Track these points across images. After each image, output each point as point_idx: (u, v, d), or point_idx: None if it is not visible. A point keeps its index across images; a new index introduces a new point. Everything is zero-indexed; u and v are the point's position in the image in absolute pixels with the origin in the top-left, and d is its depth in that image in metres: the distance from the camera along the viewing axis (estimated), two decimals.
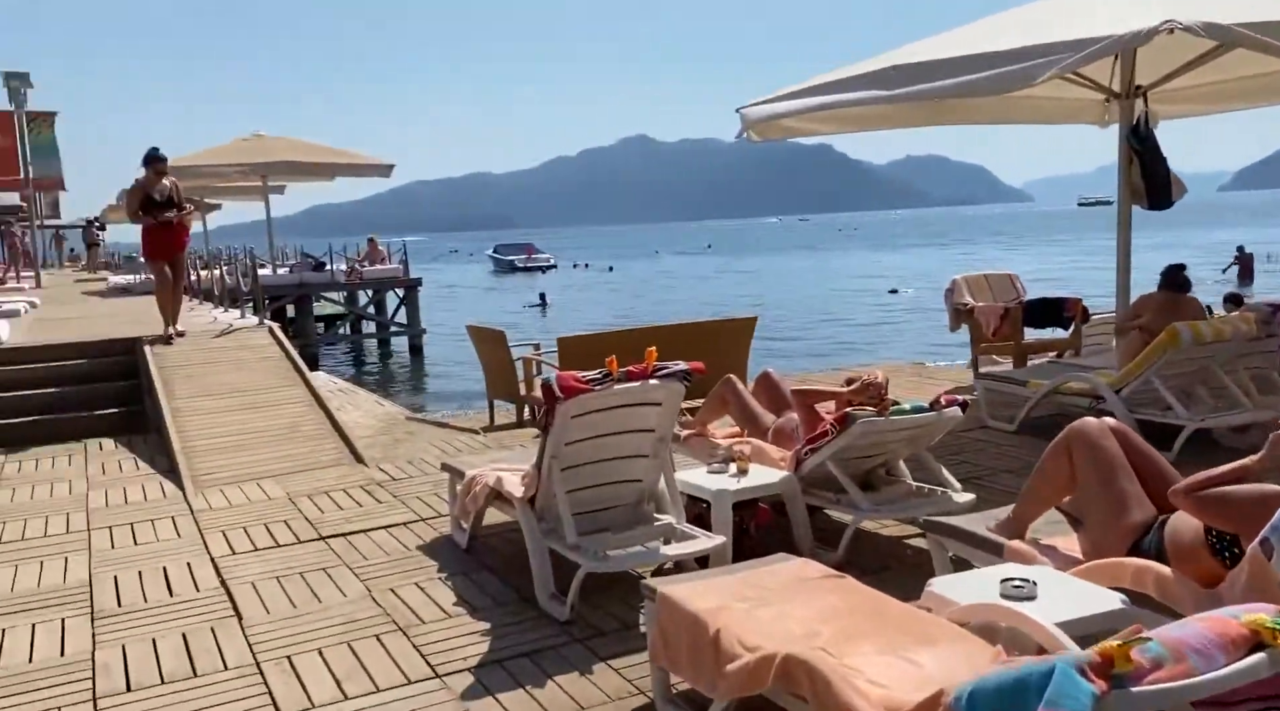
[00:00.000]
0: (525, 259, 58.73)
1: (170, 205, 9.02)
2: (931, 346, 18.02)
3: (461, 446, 7.06)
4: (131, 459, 7.12)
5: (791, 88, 7.12)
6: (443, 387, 16.79)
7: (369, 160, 20.21)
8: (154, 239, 9.12)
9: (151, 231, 9.07)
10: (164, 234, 9.08)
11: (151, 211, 8.94)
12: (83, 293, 18.44)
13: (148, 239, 9.19)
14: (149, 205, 8.94)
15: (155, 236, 9.10)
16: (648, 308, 31.58)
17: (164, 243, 9.13)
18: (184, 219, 9.27)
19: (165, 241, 9.12)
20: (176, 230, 9.18)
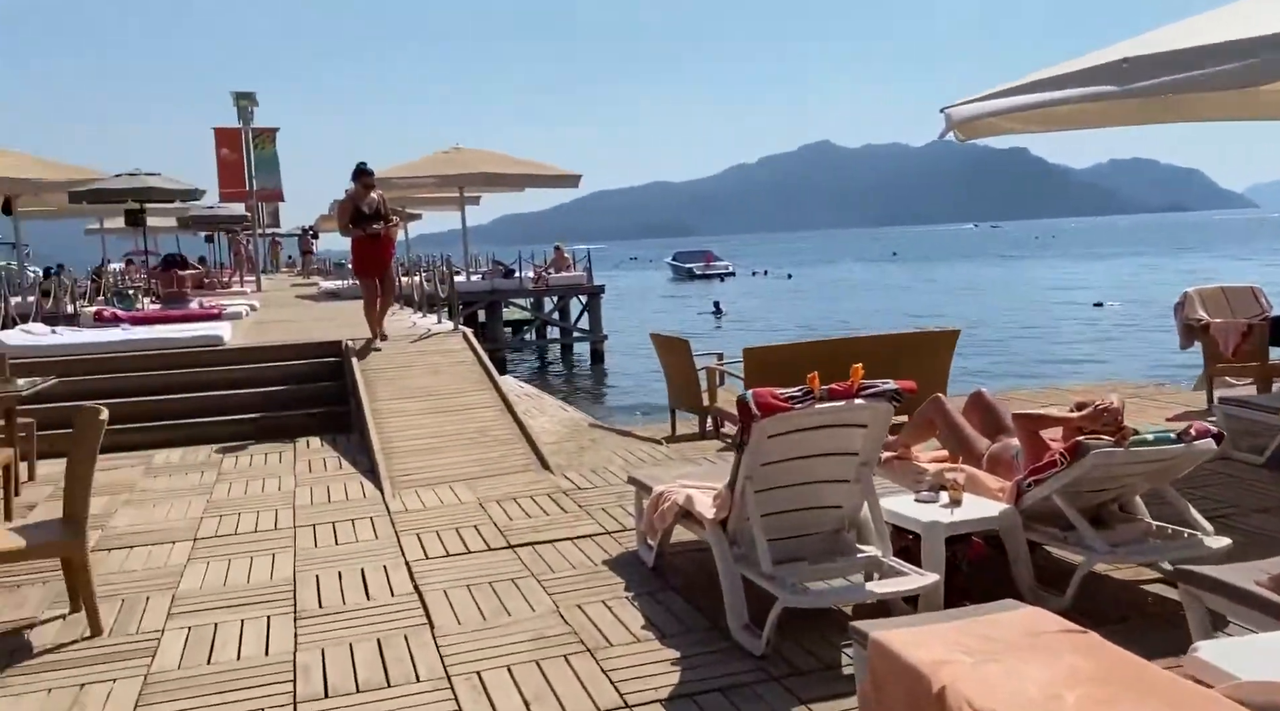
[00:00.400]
0: (703, 266, 58.77)
1: (377, 217, 9.28)
2: (1148, 365, 16.61)
3: (645, 457, 6.96)
4: (336, 457, 7.44)
5: (1002, 85, 6.67)
6: (623, 394, 16.91)
7: (558, 171, 20.74)
8: (362, 252, 9.39)
9: (360, 244, 9.36)
10: (371, 247, 9.34)
11: (360, 224, 9.22)
12: (296, 296, 19.78)
13: (356, 252, 9.48)
14: (358, 218, 9.23)
15: (363, 249, 9.37)
16: (827, 318, 30.78)
17: (371, 256, 9.37)
18: (390, 231, 9.49)
19: (372, 254, 9.36)
20: (383, 243, 9.43)
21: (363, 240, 9.30)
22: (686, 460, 6.76)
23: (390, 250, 9.66)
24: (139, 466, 7.36)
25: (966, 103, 7.19)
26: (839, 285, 50.59)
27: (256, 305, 15.22)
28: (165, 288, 12.79)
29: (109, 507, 6.15)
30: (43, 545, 3.91)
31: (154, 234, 38.50)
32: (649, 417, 12.25)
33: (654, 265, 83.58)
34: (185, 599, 4.43)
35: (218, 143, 23.17)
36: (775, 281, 55.77)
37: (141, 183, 15.51)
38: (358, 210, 9.23)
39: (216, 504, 6.18)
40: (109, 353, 8.99)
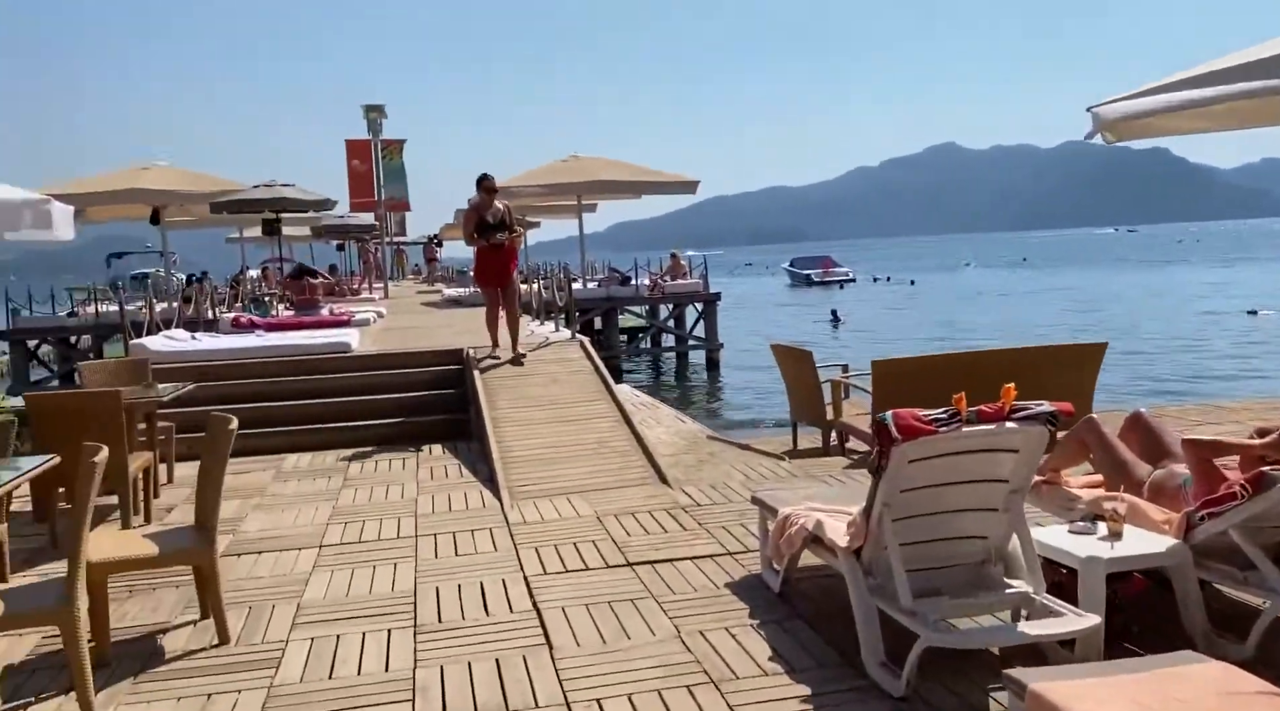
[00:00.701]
0: (822, 273, 57.66)
1: (502, 227, 9.14)
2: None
3: (766, 473, 6.72)
4: (456, 465, 7.47)
5: (1154, 83, 6.21)
6: (740, 405, 16.63)
7: (675, 178, 20.63)
8: (485, 262, 9.26)
9: (484, 254, 9.22)
10: (495, 257, 9.18)
11: (484, 234, 9.09)
12: (421, 304, 20.29)
13: (480, 262, 9.35)
14: (482, 227, 9.10)
15: (487, 259, 9.23)
16: (952, 327, 29.61)
17: (495, 266, 9.20)
18: (513, 242, 9.35)
19: (496, 265, 9.19)
20: (506, 253, 9.25)
21: (486, 250, 9.17)
22: (811, 477, 6.50)
23: (514, 260, 9.48)
24: (269, 470, 7.56)
25: (1115, 101, 6.72)
26: (965, 293, 48.85)
27: (383, 312, 15.64)
28: (297, 295, 13.26)
29: (240, 511, 6.32)
30: (174, 553, 3.98)
31: (289, 242, 40.28)
32: (768, 430, 11.99)
33: (770, 271, 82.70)
34: (309, 608, 4.45)
35: (349, 154, 24.08)
36: (897, 288, 54.30)
37: (277, 193, 16.14)
38: (482, 220, 9.12)
39: (342, 510, 6.26)
40: (244, 358, 9.32)
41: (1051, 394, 6.74)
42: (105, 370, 7.22)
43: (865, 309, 39.56)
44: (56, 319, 20.61)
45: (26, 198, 6.02)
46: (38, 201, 6.02)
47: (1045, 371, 7.18)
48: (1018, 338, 25.29)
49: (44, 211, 6.05)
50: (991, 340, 25.38)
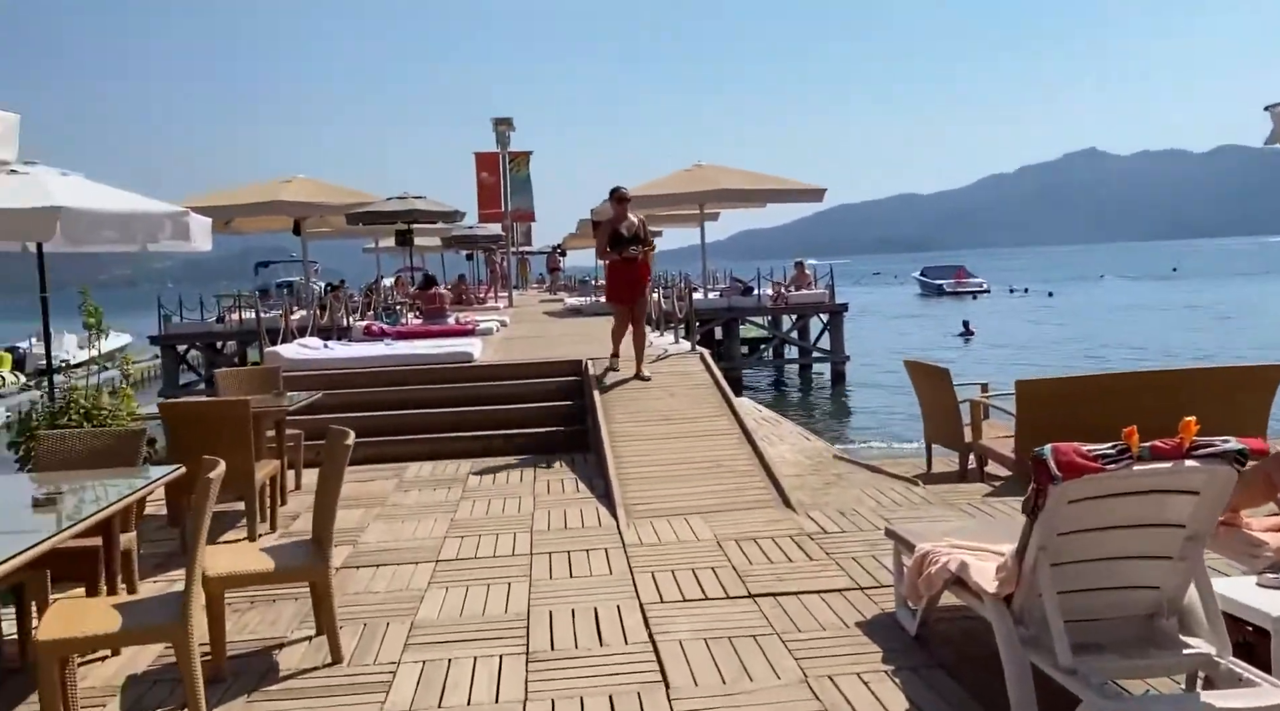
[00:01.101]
0: (954, 283, 55.64)
1: (636, 241, 8.81)
2: None
3: (898, 499, 6.33)
4: (574, 479, 7.35)
5: None
6: (867, 421, 16.06)
7: (802, 186, 20.19)
8: (617, 277, 8.96)
9: (616, 268, 8.94)
10: (627, 271, 8.85)
11: (618, 247, 8.78)
12: (543, 313, 20.47)
13: (611, 276, 9.07)
14: (616, 241, 8.79)
15: (619, 273, 8.93)
16: (1094, 343, 27.94)
17: (626, 281, 8.87)
18: (646, 256, 8.97)
19: (627, 279, 8.86)
20: (639, 268, 8.90)
21: (619, 264, 8.86)
22: (947, 505, 6.08)
23: (646, 276, 9.14)
24: (392, 479, 7.62)
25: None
26: (1109, 305, 46.28)
27: (507, 321, 15.80)
28: (426, 305, 13.51)
29: (362, 521, 6.34)
30: (288, 569, 3.94)
31: (421, 252, 41.68)
32: (898, 450, 11.49)
33: (899, 281, 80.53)
34: (423, 628, 4.36)
35: (477, 167, 24.58)
36: (1034, 300, 51.94)
37: (409, 205, 16.57)
38: (616, 233, 8.81)
39: (460, 523, 6.21)
40: (371, 367, 9.49)
41: (1218, 421, 6.14)
42: (239, 377, 7.43)
43: (999, 321, 37.93)
44: (204, 325, 21.73)
45: (168, 210, 6.23)
46: (177, 214, 6.21)
47: (1212, 396, 6.54)
48: (1169, 357, 23.68)
49: (183, 223, 6.25)
50: (1138, 358, 23.84)
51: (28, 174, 5.88)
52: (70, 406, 5.14)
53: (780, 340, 22.67)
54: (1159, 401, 6.53)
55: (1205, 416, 6.40)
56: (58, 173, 6.02)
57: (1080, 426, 6.70)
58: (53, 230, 5.45)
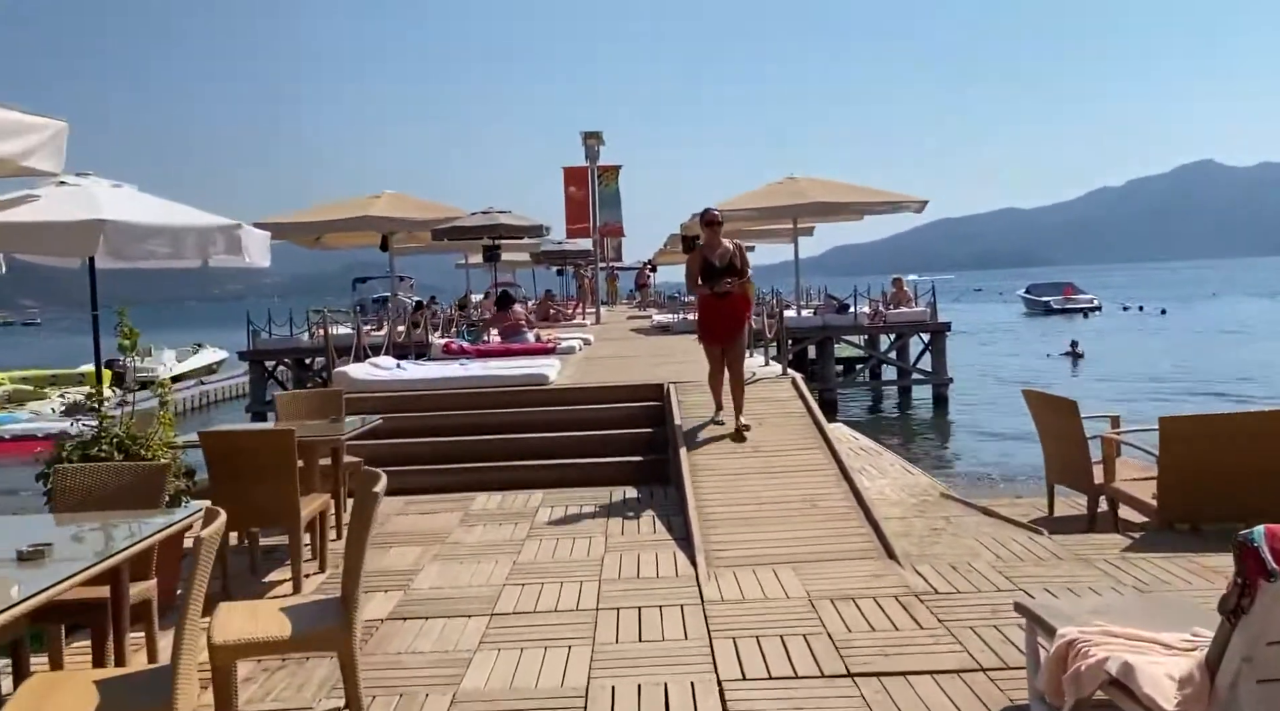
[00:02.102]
0: (1062, 300, 52.98)
1: (730, 271, 7.59)
2: None
3: (1021, 551, 5.49)
4: (650, 516, 6.72)
5: None
6: (975, 452, 14.92)
7: (901, 197, 19.22)
8: (710, 313, 7.75)
9: (707, 304, 7.74)
10: (721, 306, 7.63)
11: (710, 279, 7.60)
12: (631, 330, 19.95)
13: (704, 313, 7.88)
14: (708, 272, 7.63)
15: (712, 310, 7.72)
16: (1216, 366, 25.81)
17: (719, 318, 7.67)
18: (744, 288, 7.72)
19: (720, 316, 7.66)
20: (734, 303, 7.66)
21: (710, 299, 7.66)
22: (1080, 561, 5.23)
23: (744, 312, 7.86)
24: (457, 512, 7.11)
25: None
26: (1230, 324, 43.33)
27: (591, 339, 15.30)
28: (501, 325, 13.09)
29: (418, 562, 5.83)
30: (307, 637, 3.41)
31: (512, 268, 41.81)
32: (1013, 487, 10.49)
33: (1003, 298, 77.58)
34: (466, 702, 3.78)
35: (566, 181, 24.28)
36: (1146, 318, 49.12)
37: (493, 220, 16.28)
38: (707, 263, 7.62)
39: (522, 567, 5.63)
40: (442, 389, 9.05)
41: None
42: (298, 400, 7.04)
43: (1109, 341, 35.72)
44: (293, 340, 21.87)
45: (220, 223, 5.87)
46: (230, 227, 5.85)
47: None
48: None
49: (235, 237, 5.87)
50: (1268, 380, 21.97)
51: (78, 186, 5.58)
52: (102, 436, 4.75)
53: (878, 360, 21.62)
54: None
55: None
56: (109, 184, 5.72)
57: (1236, 470, 5.79)
58: (95, 244, 5.11)
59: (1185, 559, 5.16)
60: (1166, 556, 5.22)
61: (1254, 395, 19.94)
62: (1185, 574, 4.92)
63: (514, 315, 13.55)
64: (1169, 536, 5.65)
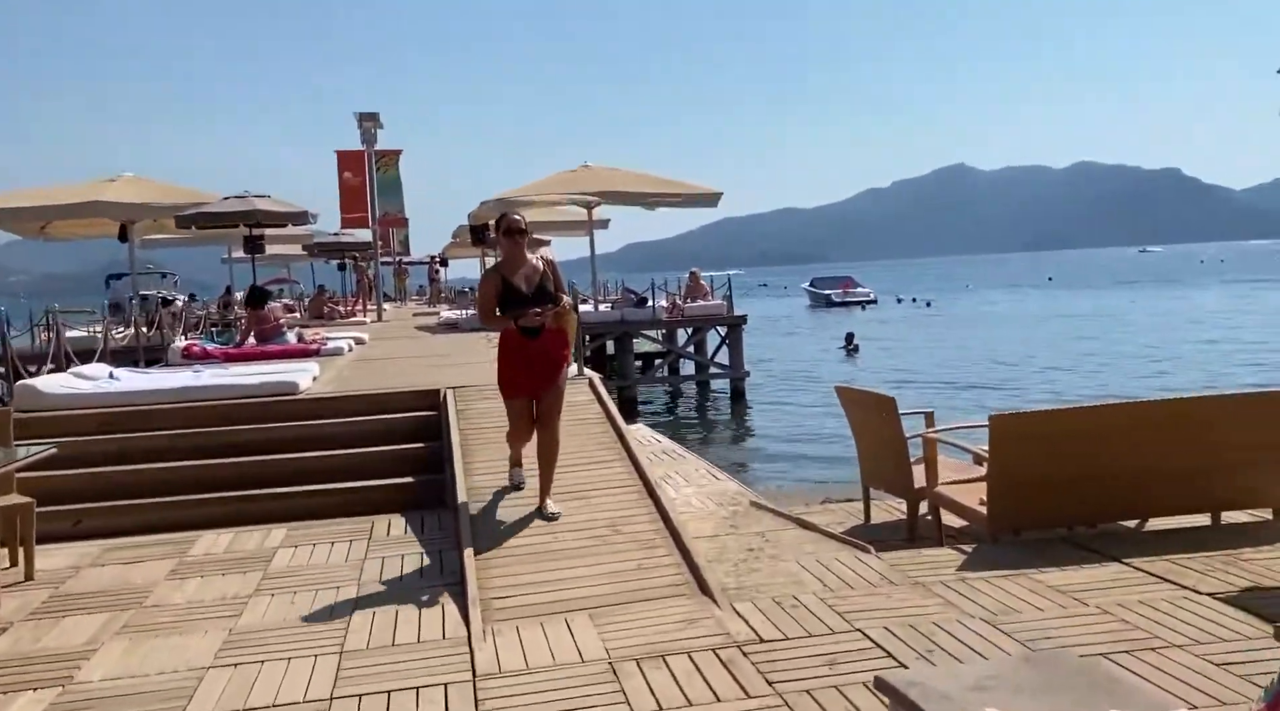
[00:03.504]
0: (842, 293, 55.54)
1: (543, 297, 5.46)
2: None
3: (849, 576, 4.74)
4: (418, 554, 5.53)
5: None
6: (774, 446, 14.56)
7: (697, 189, 18.81)
8: (513, 355, 5.54)
9: (511, 343, 5.54)
10: (529, 348, 5.49)
11: (511, 308, 5.45)
12: (415, 327, 18.42)
13: (504, 355, 5.59)
14: (509, 298, 5.46)
15: (515, 350, 5.53)
16: (982, 354, 27.24)
17: (526, 361, 5.50)
18: (562, 321, 5.57)
19: (529, 358, 5.50)
20: (549, 342, 5.52)
21: (513, 336, 5.51)
22: (918, 587, 4.53)
23: (563, 354, 5.66)
24: (170, 559, 5.62)
25: None
26: (988, 315, 46.65)
27: (365, 338, 13.75)
28: (257, 325, 11.37)
29: (97, 638, 4.38)
30: None
31: (286, 262, 38.73)
32: (822, 487, 10.00)
33: (788, 292, 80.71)
34: None
35: (340, 166, 22.32)
36: (913, 310, 52.06)
37: (248, 206, 14.33)
38: (508, 287, 5.47)
39: (240, 639, 4.32)
40: (165, 402, 7.39)
41: (1231, 459, 4.74)
42: None
43: (883, 332, 37.27)
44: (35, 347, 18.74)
45: None
46: None
47: (1222, 429, 5.23)
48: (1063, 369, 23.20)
49: None
50: (1028, 368, 23.28)
51: None
52: None
53: (676, 355, 21.16)
54: (1164, 434, 5.19)
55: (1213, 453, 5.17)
56: None
57: (1066, 473, 5.34)
58: None
59: (1025, 577, 4.58)
60: (1004, 574, 4.63)
61: (1013, 381, 21.00)
62: (1031, 597, 4.32)
63: (270, 314, 11.82)
64: (1000, 550, 5.10)
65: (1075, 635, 3.82)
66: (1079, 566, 4.70)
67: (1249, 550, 4.76)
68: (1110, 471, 5.21)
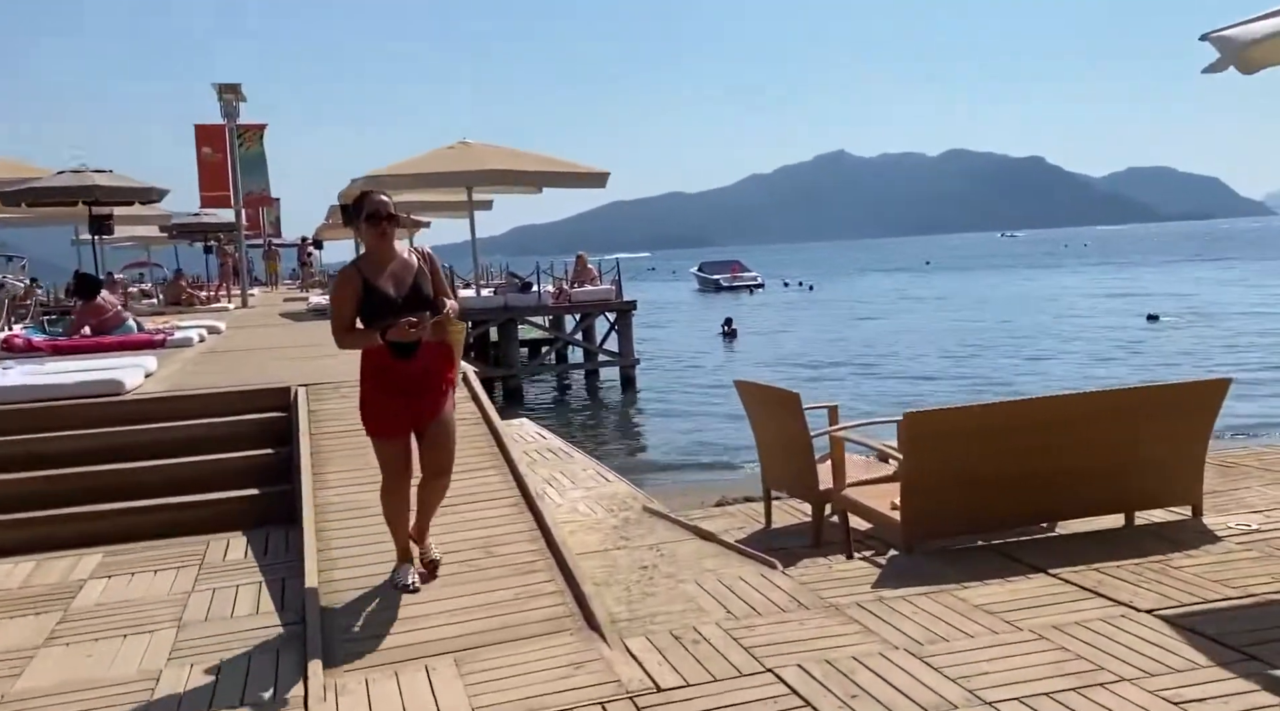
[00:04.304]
0: (730, 278, 55.65)
1: (419, 303, 4.14)
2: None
3: (756, 600, 4.18)
4: (255, 585, 4.73)
5: None
6: (664, 437, 14.01)
7: (582, 168, 18.12)
8: (382, 382, 4.20)
9: (379, 365, 4.20)
10: (403, 373, 4.18)
11: (376, 317, 4.09)
12: (281, 314, 17.17)
13: (371, 382, 4.24)
14: (372, 305, 4.10)
15: (385, 376, 4.19)
16: (861, 339, 27.23)
17: (400, 388, 4.19)
18: (443, 332, 4.21)
19: (403, 384, 4.19)
20: (429, 358, 4.22)
21: (382, 357, 4.18)
22: (833, 611, 4.00)
23: (447, 374, 4.34)
24: None
25: (1246, 22, 4.74)
26: (869, 298, 47.41)
27: (222, 327, 12.57)
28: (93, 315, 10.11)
29: None
30: None
31: (146, 244, 36.19)
32: (715, 484, 9.47)
33: (676, 277, 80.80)
34: None
35: (198, 141, 20.69)
36: (797, 294, 52.56)
37: (85, 181, 12.91)
38: (370, 290, 4.12)
39: (12, 706, 3.47)
40: None
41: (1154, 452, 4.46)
42: None
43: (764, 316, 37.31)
44: None
45: None
46: None
47: (1143, 421, 4.90)
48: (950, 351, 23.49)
49: None
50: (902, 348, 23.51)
51: None
52: None
53: (564, 342, 20.45)
54: (1084, 428, 4.83)
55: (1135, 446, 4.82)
56: None
57: (984, 474, 4.92)
58: None
59: (947, 594, 4.12)
60: (925, 592, 4.15)
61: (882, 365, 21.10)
62: (957, 619, 3.84)
63: (106, 304, 10.56)
64: (915, 560, 4.63)
65: (1013, 669, 3.35)
66: (1002, 579, 4.27)
67: (1179, 556, 4.42)
68: (1028, 470, 4.82)
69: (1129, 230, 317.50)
